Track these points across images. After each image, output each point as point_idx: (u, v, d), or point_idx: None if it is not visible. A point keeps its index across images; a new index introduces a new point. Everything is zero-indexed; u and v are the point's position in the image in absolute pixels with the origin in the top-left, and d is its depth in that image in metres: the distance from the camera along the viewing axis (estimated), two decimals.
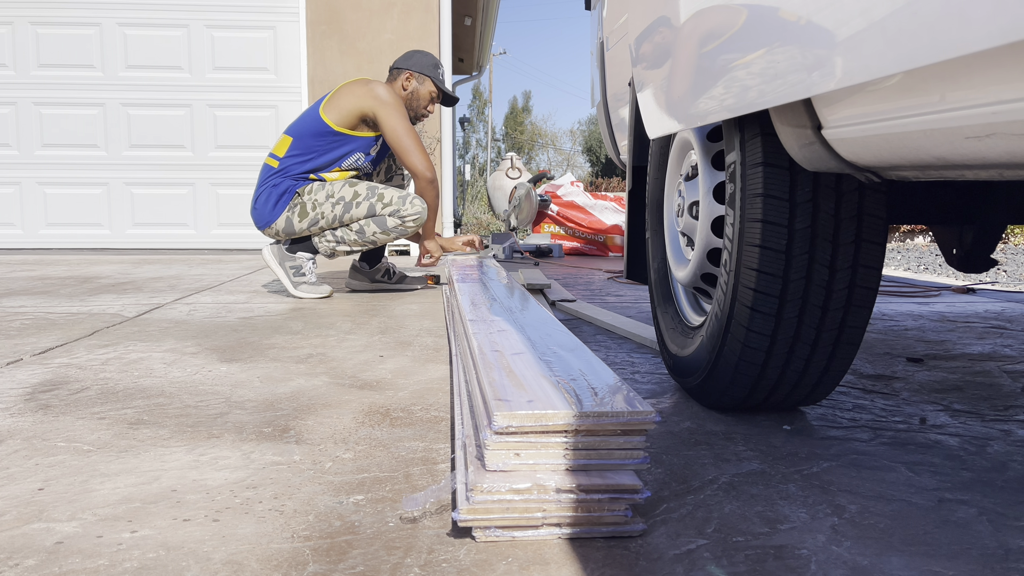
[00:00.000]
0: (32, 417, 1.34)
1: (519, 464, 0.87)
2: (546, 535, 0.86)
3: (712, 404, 1.41)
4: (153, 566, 0.80)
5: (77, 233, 5.61)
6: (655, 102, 1.47)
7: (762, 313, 1.22)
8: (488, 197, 7.18)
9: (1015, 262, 6.54)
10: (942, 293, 3.39)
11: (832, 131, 0.91)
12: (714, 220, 1.39)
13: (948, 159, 0.75)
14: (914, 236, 10.20)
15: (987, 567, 0.81)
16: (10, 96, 5.51)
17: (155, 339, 2.09)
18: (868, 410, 1.45)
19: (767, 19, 0.91)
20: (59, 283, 3.46)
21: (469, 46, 10.19)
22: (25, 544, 0.84)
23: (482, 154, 35.69)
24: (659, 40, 1.40)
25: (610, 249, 6.09)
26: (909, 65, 0.66)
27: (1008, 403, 1.52)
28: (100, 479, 1.04)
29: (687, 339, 1.48)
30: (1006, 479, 1.08)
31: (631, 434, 0.89)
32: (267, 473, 1.07)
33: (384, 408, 1.41)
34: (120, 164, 5.58)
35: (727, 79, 1.06)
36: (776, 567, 0.81)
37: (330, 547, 0.84)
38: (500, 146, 38.08)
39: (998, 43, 0.56)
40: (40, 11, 5.48)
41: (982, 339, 2.24)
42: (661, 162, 1.69)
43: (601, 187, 17.72)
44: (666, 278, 1.67)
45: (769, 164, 1.17)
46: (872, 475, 1.09)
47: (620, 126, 2.56)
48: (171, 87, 5.56)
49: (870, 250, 1.21)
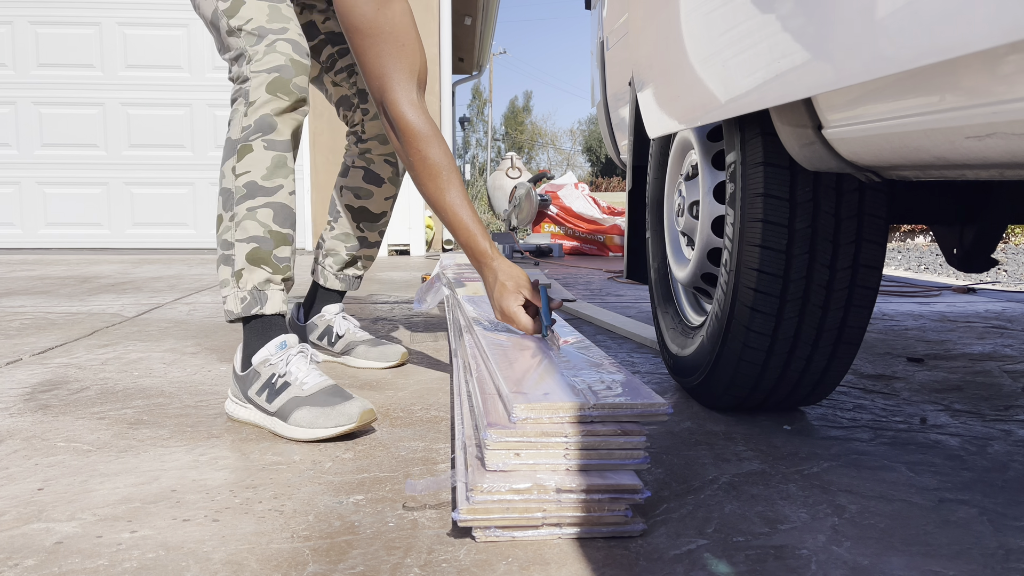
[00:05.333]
0: (32, 417, 1.34)
1: (519, 464, 0.87)
2: (546, 535, 0.86)
3: (712, 404, 1.41)
4: (153, 566, 0.79)
5: (77, 233, 5.61)
6: (655, 102, 1.47)
7: (763, 313, 1.22)
8: (488, 197, 7.18)
9: (1015, 262, 6.54)
10: (942, 293, 3.39)
11: (832, 131, 0.91)
12: (714, 220, 1.39)
13: (948, 159, 0.75)
14: (914, 236, 10.20)
15: (987, 567, 0.81)
16: (9, 96, 5.51)
17: (155, 339, 2.09)
18: (868, 410, 1.45)
19: (767, 19, 0.91)
20: (59, 283, 3.46)
21: (469, 46, 10.19)
22: (25, 544, 0.84)
23: (482, 154, 35.71)
24: (659, 39, 1.40)
25: (610, 249, 6.09)
26: (909, 65, 0.66)
27: (1008, 403, 1.52)
28: (100, 479, 1.04)
29: (687, 339, 1.48)
30: (1006, 479, 1.08)
31: (631, 434, 0.89)
32: (267, 473, 1.07)
33: (384, 408, 1.41)
34: (120, 164, 5.58)
35: (727, 78, 1.06)
36: (776, 567, 0.80)
37: (330, 547, 0.84)
38: (500, 146, 38.10)
39: (998, 43, 0.56)
40: (40, 11, 5.48)
41: (983, 339, 2.23)
42: (661, 162, 1.69)
43: (601, 187, 17.72)
44: (666, 278, 1.67)
45: (769, 164, 1.17)
46: (872, 475, 1.09)
47: (620, 126, 2.56)
48: (171, 87, 5.55)
49: (870, 250, 1.21)
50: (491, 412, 0.92)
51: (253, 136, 1.34)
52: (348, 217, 1.76)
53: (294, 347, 1.32)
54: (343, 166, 1.78)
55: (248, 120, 1.34)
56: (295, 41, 1.37)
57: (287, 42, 1.35)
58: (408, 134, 1.36)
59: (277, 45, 1.35)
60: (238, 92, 1.37)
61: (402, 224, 5.66)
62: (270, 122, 1.34)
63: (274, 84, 1.33)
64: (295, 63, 1.35)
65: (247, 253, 1.34)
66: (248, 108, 1.34)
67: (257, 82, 1.33)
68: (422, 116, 1.37)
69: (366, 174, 1.74)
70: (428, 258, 5.46)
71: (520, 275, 1.35)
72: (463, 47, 10.00)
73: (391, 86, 1.37)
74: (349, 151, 1.78)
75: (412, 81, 1.38)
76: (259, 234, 1.33)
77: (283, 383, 1.26)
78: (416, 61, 1.40)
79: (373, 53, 1.37)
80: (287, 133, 1.36)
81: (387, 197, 1.77)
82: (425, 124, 1.36)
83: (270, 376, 1.28)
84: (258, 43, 1.34)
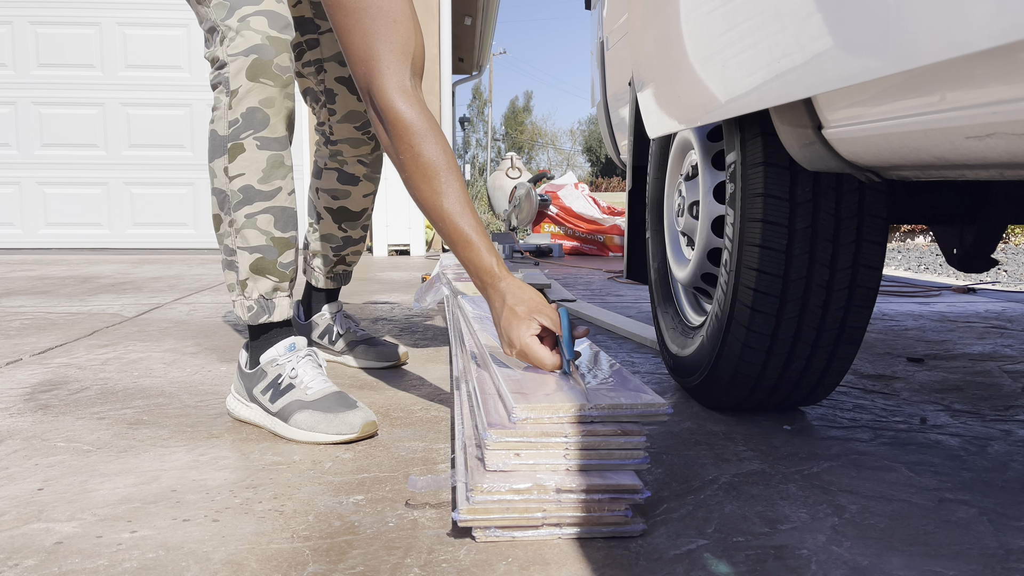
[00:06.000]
0: (32, 417, 1.34)
1: (519, 464, 0.87)
2: (546, 535, 0.86)
3: (712, 404, 1.41)
4: (153, 566, 0.79)
5: (77, 233, 5.61)
6: (655, 102, 1.47)
7: (763, 313, 1.22)
8: (488, 197, 7.19)
9: (1015, 262, 6.54)
10: (942, 293, 3.39)
11: (832, 131, 0.91)
12: (714, 220, 1.39)
13: (948, 159, 0.75)
14: (914, 236, 10.20)
15: (988, 567, 0.81)
16: (9, 96, 5.51)
17: (155, 339, 2.09)
18: (868, 410, 1.45)
19: (767, 19, 0.91)
20: (58, 283, 3.46)
21: (469, 46, 10.19)
22: (25, 544, 0.84)
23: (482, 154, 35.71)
24: (659, 39, 1.40)
25: (610, 249, 6.09)
26: (909, 65, 0.66)
27: (1008, 403, 1.51)
28: (100, 479, 1.04)
29: (687, 339, 1.48)
30: (1007, 479, 1.08)
31: (631, 434, 0.89)
32: (267, 473, 1.07)
33: (384, 408, 1.41)
34: (119, 164, 5.58)
35: (727, 79, 1.06)
36: (776, 567, 0.80)
37: (330, 547, 0.84)
38: (500, 146, 38.10)
39: (998, 43, 0.56)
40: (40, 11, 5.48)
41: (983, 339, 2.23)
42: (661, 162, 1.69)
43: (601, 187, 17.72)
44: (666, 278, 1.67)
45: (769, 164, 1.17)
46: (872, 475, 1.09)
47: (620, 126, 2.56)
48: (170, 87, 5.55)
49: (870, 250, 1.21)
50: (491, 412, 0.92)
51: (244, 134, 1.23)
52: (329, 219, 1.69)
53: (302, 349, 1.31)
54: (315, 167, 1.69)
55: (234, 113, 1.23)
56: (272, 12, 1.22)
57: (262, 15, 1.21)
58: (398, 127, 1.16)
59: (251, 21, 1.20)
60: (217, 78, 1.24)
61: (402, 224, 5.66)
62: (260, 116, 1.23)
63: (254, 68, 1.21)
64: (274, 40, 1.22)
65: (251, 264, 1.28)
66: (232, 99, 1.22)
67: (235, 68, 1.21)
68: (415, 106, 1.17)
69: (340, 175, 1.66)
70: (428, 258, 5.46)
71: (534, 297, 1.11)
72: (463, 47, 10.00)
73: (379, 69, 1.17)
74: (320, 151, 1.67)
75: (405, 64, 1.19)
76: (261, 243, 1.27)
77: (288, 385, 1.25)
78: (410, 41, 1.20)
79: (359, 32, 1.18)
80: (281, 127, 1.26)
81: (366, 194, 1.69)
82: (419, 115, 1.17)
83: (276, 376, 1.26)
84: (229, 16, 1.21)
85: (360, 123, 1.62)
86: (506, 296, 1.11)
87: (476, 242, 1.14)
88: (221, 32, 1.22)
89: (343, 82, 1.60)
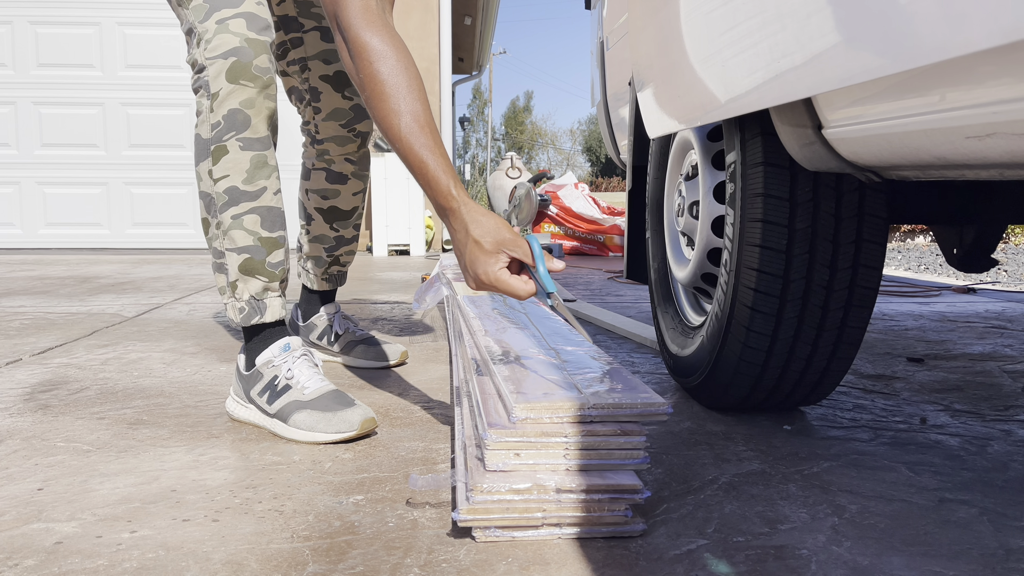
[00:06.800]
0: (31, 417, 1.34)
1: (519, 464, 0.87)
2: (546, 535, 0.86)
3: (712, 404, 1.41)
4: (153, 566, 0.79)
5: (76, 233, 5.61)
6: (655, 101, 1.47)
7: (762, 313, 1.22)
8: (488, 197, 7.19)
9: (1015, 262, 6.54)
10: (942, 293, 3.39)
11: (833, 131, 0.91)
12: (714, 220, 1.39)
13: (948, 159, 0.75)
14: (914, 236, 10.20)
15: (988, 567, 0.81)
16: (9, 96, 5.51)
17: (155, 339, 2.09)
18: (868, 410, 1.45)
19: (767, 18, 0.91)
20: (58, 283, 3.46)
21: (469, 46, 10.20)
22: (25, 544, 0.84)
23: (482, 154, 35.72)
24: (659, 39, 1.40)
25: (610, 249, 6.09)
26: (910, 65, 0.66)
27: (1008, 403, 1.52)
28: (99, 479, 1.04)
29: (687, 339, 1.48)
30: (1007, 479, 1.08)
31: (631, 434, 0.89)
32: (267, 473, 1.07)
33: (384, 408, 1.41)
34: (119, 164, 5.59)
35: (727, 78, 1.06)
36: (776, 567, 0.80)
37: (330, 547, 0.84)
38: (500, 146, 38.11)
39: (998, 43, 0.56)
40: (39, 10, 5.48)
41: (983, 339, 2.23)
42: (661, 162, 1.69)
43: (601, 187, 17.73)
44: (666, 278, 1.67)
45: (769, 164, 1.17)
46: (872, 475, 1.09)
47: (620, 126, 2.56)
48: (170, 87, 5.56)
49: (870, 250, 1.21)
50: (491, 412, 0.92)
51: (226, 136, 1.23)
52: (320, 219, 1.69)
53: (297, 349, 1.31)
54: (303, 168, 1.69)
55: (216, 116, 1.23)
56: (251, 14, 1.22)
57: (240, 17, 1.20)
58: (357, 46, 1.09)
59: (230, 24, 1.20)
60: (197, 82, 1.24)
61: (402, 224, 5.66)
62: (242, 117, 1.23)
63: (233, 71, 1.20)
64: (252, 42, 1.21)
65: (239, 264, 1.28)
66: (213, 102, 1.22)
67: (215, 71, 1.20)
68: (376, 24, 1.09)
69: (328, 175, 1.65)
70: (428, 258, 5.46)
71: (500, 227, 1.02)
72: (463, 47, 10.01)
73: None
74: (307, 151, 1.67)
75: None
76: (249, 243, 1.27)
77: (284, 385, 1.25)
78: None
79: None
80: (263, 128, 1.26)
81: (355, 192, 1.68)
82: (379, 35, 1.09)
83: (272, 378, 1.27)
84: (207, 19, 1.20)
85: (345, 120, 1.62)
86: (469, 226, 1.03)
87: (430, 162, 1.06)
88: (198, 34, 1.22)
89: (328, 80, 1.60)
